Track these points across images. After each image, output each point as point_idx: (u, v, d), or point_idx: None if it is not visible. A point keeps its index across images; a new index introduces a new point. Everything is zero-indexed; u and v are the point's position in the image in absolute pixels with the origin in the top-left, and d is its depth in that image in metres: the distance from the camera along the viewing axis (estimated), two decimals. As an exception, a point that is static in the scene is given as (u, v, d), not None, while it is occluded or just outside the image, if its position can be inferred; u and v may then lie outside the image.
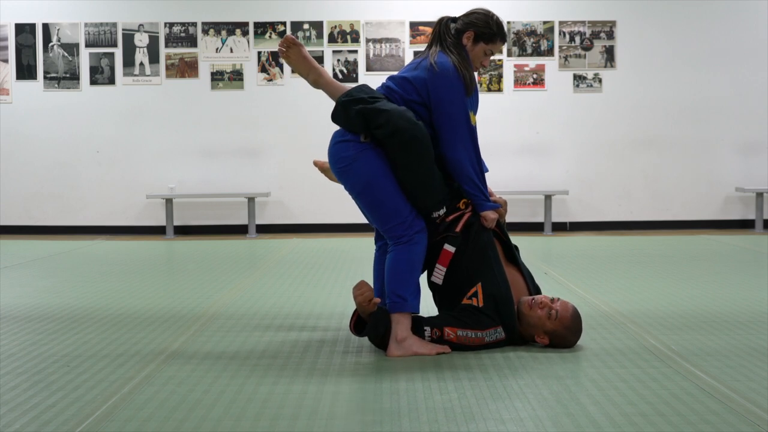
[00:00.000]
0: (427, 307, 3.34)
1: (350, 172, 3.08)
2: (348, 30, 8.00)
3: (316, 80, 3.18)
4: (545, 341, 3.05)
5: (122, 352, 3.12)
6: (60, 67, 8.06)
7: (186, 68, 8.06)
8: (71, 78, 8.07)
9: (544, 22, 8.07)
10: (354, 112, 3.02)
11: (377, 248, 3.34)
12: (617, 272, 5.13)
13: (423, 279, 3.17)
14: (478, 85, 7.87)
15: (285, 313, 3.88)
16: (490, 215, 3.15)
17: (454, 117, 3.10)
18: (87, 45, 8.06)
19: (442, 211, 3.12)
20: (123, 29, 8.07)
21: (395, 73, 3.31)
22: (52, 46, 8.05)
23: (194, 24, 8.06)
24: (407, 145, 3.00)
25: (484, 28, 3.19)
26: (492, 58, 3.43)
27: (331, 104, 3.12)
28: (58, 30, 8.06)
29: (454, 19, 3.27)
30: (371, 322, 3.00)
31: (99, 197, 8.13)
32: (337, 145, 3.13)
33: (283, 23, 8.04)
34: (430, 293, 3.24)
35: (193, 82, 8.07)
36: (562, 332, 3.03)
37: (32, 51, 8.07)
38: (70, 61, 8.06)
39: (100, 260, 6.10)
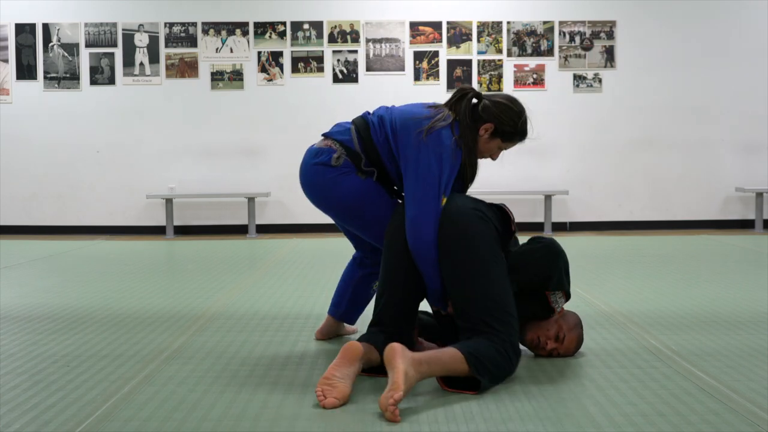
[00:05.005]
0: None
1: (334, 195, 2.93)
2: (348, 30, 8.00)
3: (423, 373, 2.44)
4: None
5: (122, 352, 3.12)
6: (60, 67, 8.06)
7: (186, 68, 8.06)
8: (71, 78, 8.07)
9: (544, 22, 8.07)
10: None
11: (354, 258, 3.27)
12: (617, 272, 5.13)
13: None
14: (478, 86, 7.91)
15: (285, 313, 3.88)
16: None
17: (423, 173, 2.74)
18: (87, 45, 8.06)
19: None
20: (123, 29, 8.07)
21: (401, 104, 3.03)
22: (52, 46, 8.06)
23: (194, 24, 8.06)
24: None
25: (509, 128, 2.87)
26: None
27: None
28: (58, 30, 8.06)
29: (479, 95, 2.91)
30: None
31: (99, 197, 8.13)
32: (313, 167, 2.94)
33: (283, 23, 8.04)
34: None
35: (193, 82, 8.07)
36: (564, 355, 3.00)
37: (32, 51, 8.07)
38: (70, 61, 8.06)
39: (100, 260, 6.10)
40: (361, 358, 2.56)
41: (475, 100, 2.89)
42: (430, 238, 2.68)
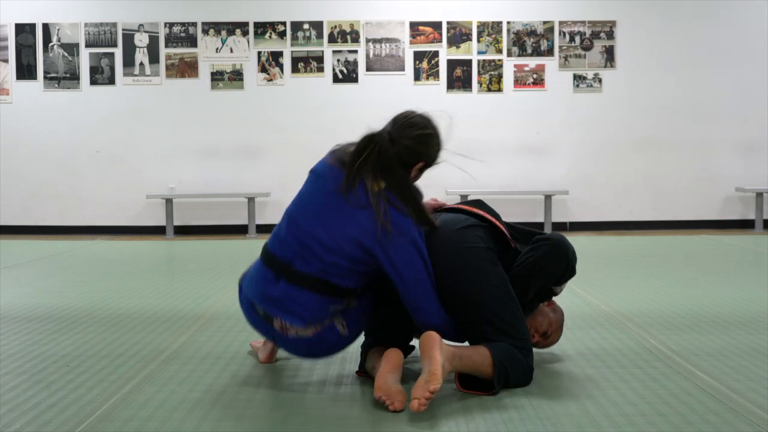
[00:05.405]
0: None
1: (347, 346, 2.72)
2: (348, 30, 8.00)
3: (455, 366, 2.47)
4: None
5: (122, 352, 3.12)
6: (60, 67, 8.06)
7: (186, 68, 8.06)
8: (71, 78, 8.07)
9: (544, 22, 8.07)
10: None
11: None
12: (617, 272, 5.13)
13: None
14: (478, 86, 7.91)
15: (285, 313, 3.87)
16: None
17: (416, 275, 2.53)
18: (87, 45, 8.06)
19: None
20: (123, 29, 8.07)
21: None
22: (52, 46, 8.05)
23: (194, 24, 8.06)
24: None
25: (435, 155, 2.61)
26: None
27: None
28: (58, 30, 8.06)
29: (391, 137, 2.53)
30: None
31: (99, 197, 8.13)
32: (328, 351, 2.68)
33: (283, 23, 8.04)
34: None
35: (193, 82, 8.07)
36: (542, 348, 3.00)
37: (32, 51, 8.07)
38: (70, 61, 8.06)
39: (100, 260, 6.10)
40: (403, 364, 2.55)
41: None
42: (445, 324, 2.58)
